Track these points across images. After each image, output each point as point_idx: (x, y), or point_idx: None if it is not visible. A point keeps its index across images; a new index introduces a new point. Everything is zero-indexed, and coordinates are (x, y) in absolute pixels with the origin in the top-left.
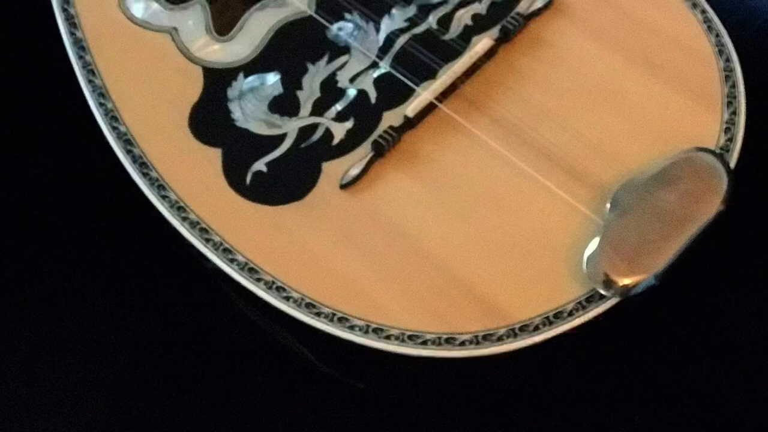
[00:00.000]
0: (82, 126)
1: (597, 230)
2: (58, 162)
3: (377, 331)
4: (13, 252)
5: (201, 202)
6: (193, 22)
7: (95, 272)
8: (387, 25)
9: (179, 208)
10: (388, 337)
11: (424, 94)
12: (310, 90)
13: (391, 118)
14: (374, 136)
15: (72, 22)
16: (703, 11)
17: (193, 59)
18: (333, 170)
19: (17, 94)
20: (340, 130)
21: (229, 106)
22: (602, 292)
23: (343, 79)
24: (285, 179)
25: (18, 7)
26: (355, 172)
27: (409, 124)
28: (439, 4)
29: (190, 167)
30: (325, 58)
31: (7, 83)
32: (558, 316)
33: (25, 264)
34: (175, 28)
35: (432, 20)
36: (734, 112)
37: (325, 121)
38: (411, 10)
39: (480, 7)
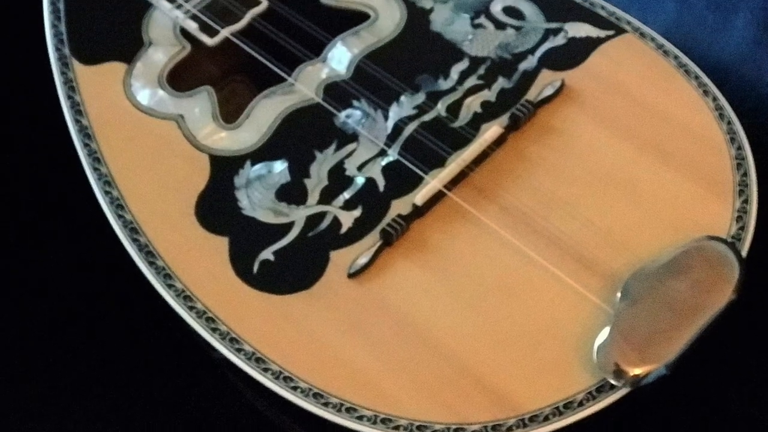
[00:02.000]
0: (87, 214)
1: (607, 319)
2: (63, 250)
3: (386, 422)
4: (18, 342)
5: (207, 291)
6: (199, 110)
7: (100, 362)
8: (395, 112)
9: (185, 298)
10: (396, 428)
11: (433, 182)
12: (317, 178)
13: (400, 207)
14: (382, 224)
15: (77, 110)
16: (715, 98)
17: (199, 147)
18: (341, 259)
19: (22, 183)
20: (348, 219)
21: (236, 194)
22: (613, 382)
23: (351, 167)
24: (292, 268)
25: (23, 94)
26: (363, 261)
27: (418, 212)
28: (448, 92)
29: (197, 256)
30: (333, 146)
31: (11, 172)
32: (568, 406)
33: (30, 354)
34: (182, 116)
35: (441, 108)
36: (746, 201)
37: (333, 209)
38: (419, 98)
39: (489, 95)
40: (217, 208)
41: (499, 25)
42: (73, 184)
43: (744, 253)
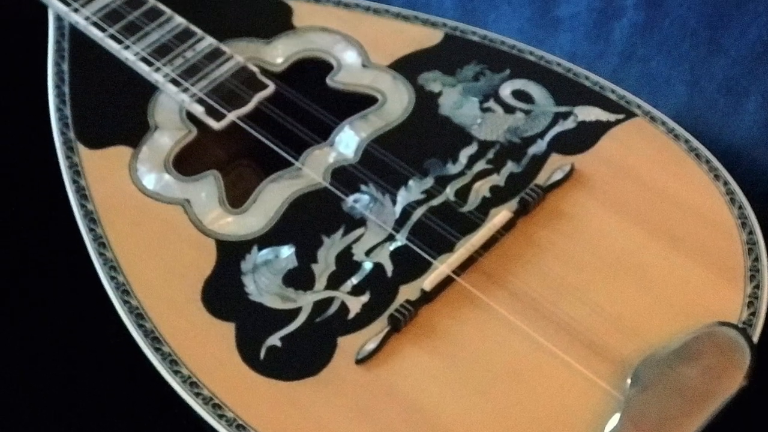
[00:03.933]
0: (92, 299)
1: (617, 406)
2: (68, 335)
3: None
4: (21, 429)
5: (214, 378)
6: (205, 194)
7: None
8: (403, 197)
9: (192, 384)
10: None
11: (442, 267)
12: (325, 263)
13: (408, 292)
14: (391, 310)
15: (83, 194)
16: (726, 183)
17: (205, 232)
18: (349, 345)
19: (26, 267)
20: (355, 304)
21: (242, 279)
22: None
23: (358, 252)
24: (300, 354)
25: (28, 180)
26: (371, 346)
27: (426, 298)
28: (457, 176)
29: (203, 342)
30: (341, 231)
31: (15, 257)
32: None
33: None
34: (188, 200)
35: (449, 192)
36: (757, 286)
37: (341, 294)
38: (428, 182)
39: (498, 179)
40: (223, 293)
41: (509, 109)
42: (78, 269)
43: (755, 339)
